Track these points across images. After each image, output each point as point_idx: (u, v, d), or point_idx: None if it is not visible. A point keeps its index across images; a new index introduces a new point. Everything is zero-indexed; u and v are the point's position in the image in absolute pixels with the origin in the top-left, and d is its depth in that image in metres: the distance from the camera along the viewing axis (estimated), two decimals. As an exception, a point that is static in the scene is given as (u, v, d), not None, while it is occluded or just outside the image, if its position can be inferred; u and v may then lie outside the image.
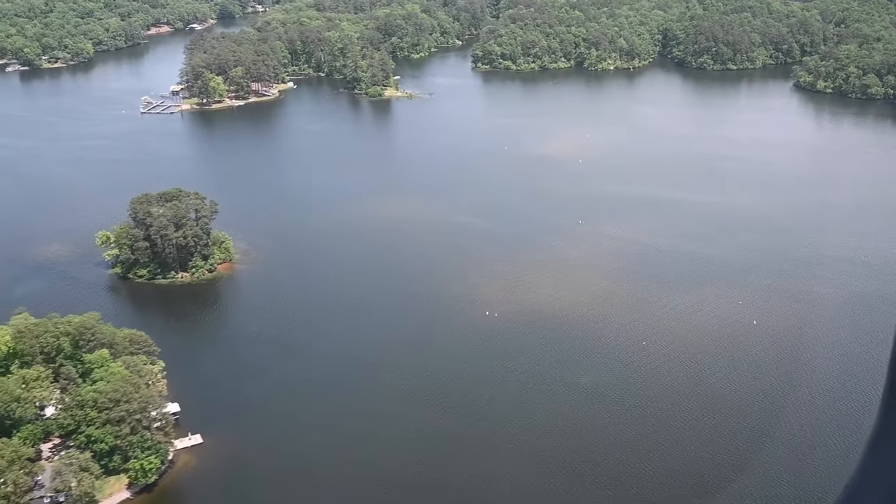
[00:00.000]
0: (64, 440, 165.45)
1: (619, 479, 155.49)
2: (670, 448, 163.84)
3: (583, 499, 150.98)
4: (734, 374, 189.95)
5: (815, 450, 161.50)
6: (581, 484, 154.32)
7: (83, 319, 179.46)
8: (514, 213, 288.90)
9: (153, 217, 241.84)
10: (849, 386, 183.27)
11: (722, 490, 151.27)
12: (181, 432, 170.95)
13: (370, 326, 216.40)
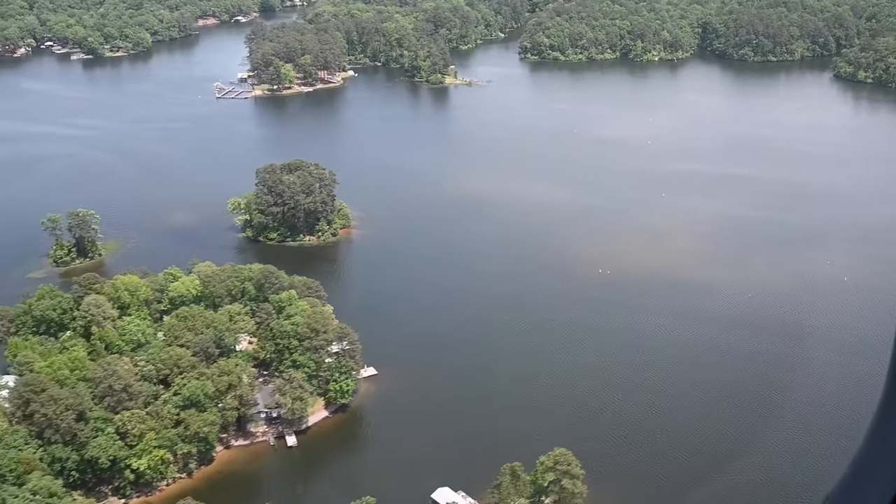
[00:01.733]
0: (260, 368, 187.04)
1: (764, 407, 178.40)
2: (804, 385, 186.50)
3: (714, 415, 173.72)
4: (846, 321, 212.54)
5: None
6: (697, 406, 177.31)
7: (265, 267, 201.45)
8: (601, 189, 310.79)
9: (284, 184, 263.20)
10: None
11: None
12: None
13: (493, 280, 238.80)
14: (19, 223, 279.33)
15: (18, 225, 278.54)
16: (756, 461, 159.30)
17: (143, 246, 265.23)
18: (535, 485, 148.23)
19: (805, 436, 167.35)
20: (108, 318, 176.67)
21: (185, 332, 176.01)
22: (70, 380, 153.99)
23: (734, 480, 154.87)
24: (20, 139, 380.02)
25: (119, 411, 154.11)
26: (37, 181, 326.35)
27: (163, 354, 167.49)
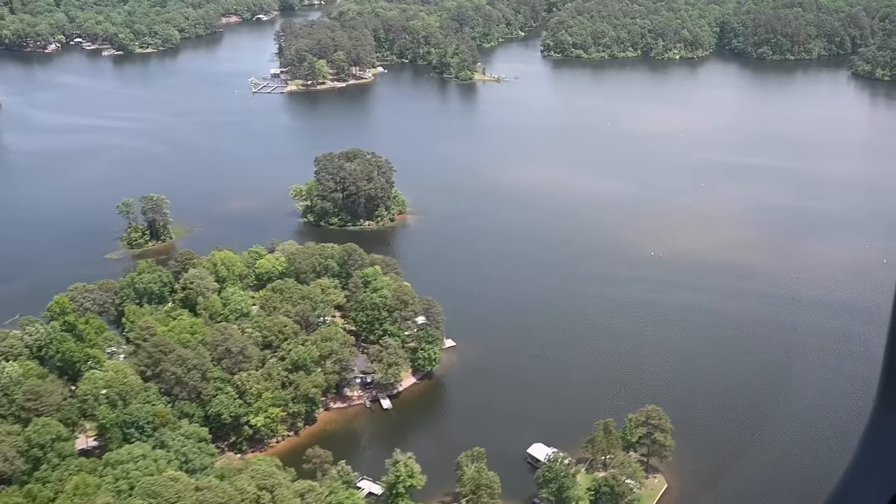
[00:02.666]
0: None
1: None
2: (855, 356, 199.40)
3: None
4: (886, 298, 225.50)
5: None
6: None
7: (347, 245, 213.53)
8: (641, 179, 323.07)
9: (346, 171, 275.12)
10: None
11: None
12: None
13: (550, 262, 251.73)
14: (89, 208, 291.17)
15: (88, 209, 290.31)
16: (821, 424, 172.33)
17: (209, 230, 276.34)
18: (624, 440, 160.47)
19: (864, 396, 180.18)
20: (211, 290, 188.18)
21: (282, 303, 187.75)
22: (191, 343, 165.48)
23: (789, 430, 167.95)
24: (71, 131, 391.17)
25: (235, 372, 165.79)
26: (96, 170, 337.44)
27: (267, 322, 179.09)
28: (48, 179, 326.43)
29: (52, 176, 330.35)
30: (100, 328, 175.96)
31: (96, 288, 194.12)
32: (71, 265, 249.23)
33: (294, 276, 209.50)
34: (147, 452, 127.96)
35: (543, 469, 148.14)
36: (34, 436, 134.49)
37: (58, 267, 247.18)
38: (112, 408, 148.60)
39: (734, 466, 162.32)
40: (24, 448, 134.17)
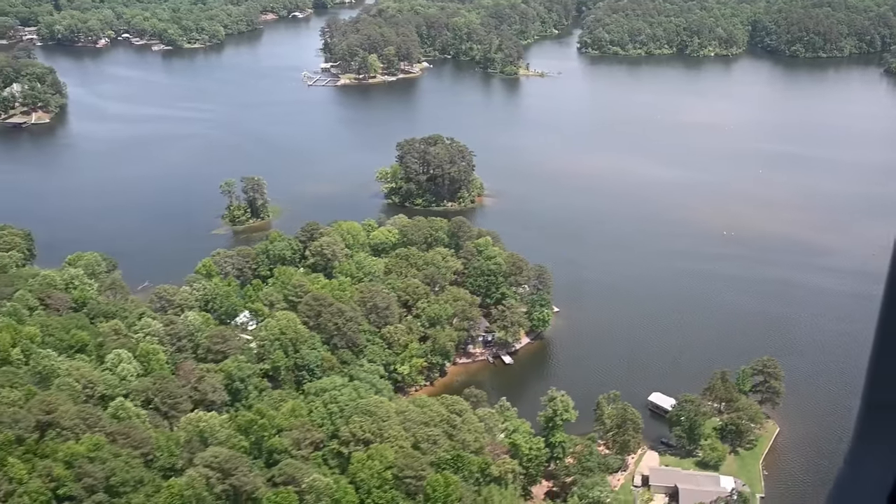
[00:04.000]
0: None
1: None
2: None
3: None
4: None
5: None
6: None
7: (457, 218, 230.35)
8: (700, 166, 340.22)
9: (431, 154, 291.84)
10: None
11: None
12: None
13: (629, 240, 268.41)
14: (185, 189, 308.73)
15: (184, 191, 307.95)
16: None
17: (301, 210, 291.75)
18: (737, 388, 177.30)
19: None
20: (344, 255, 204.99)
21: (407, 268, 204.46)
22: (343, 299, 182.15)
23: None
24: (141, 120, 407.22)
25: (382, 326, 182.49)
26: (178, 156, 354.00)
27: (401, 283, 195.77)
28: (138, 164, 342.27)
29: (141, 161, 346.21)
30: (257, 286, 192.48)
31: (235, 254, 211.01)
32: (181, 239, 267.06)
33: (405, 247, 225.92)
34: (345, 382, 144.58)
35: (676, 410, 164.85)
36: (235, 371, 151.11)
37: (170, 241, 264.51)
38: (285, 353, 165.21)
39: (839, 415, 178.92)
40: (226, 382, 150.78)
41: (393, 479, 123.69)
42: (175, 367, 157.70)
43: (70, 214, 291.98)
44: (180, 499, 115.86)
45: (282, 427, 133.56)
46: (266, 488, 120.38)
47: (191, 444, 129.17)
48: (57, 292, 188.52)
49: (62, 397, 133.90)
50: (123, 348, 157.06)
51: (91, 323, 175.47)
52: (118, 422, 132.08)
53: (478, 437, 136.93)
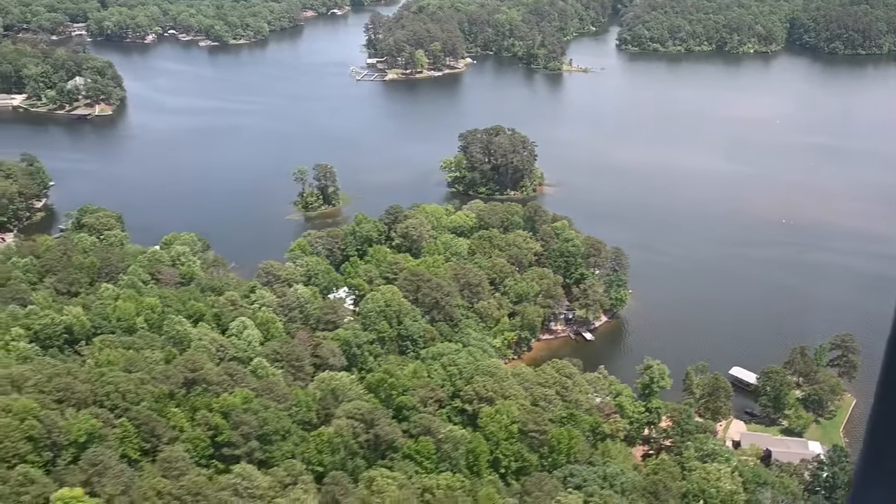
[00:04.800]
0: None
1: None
2: None
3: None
4: None
5: None
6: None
7: (532, 203, 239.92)
8: (752, 159, 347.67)
9: (495, 144, 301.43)
10: None
11: None
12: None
13: (691, 227, 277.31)
14: (253, 177, 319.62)
15: (253, 179, 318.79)
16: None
17: (369, 198, 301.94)
18: (816, 363, 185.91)
19: None
20: (429, 236, 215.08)
21: (490, 249, 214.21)
22: (437, 276, 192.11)
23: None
24: (199, 113, 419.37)
25: (475, 302, 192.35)
26: (241, 147, 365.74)
27: (487, 262, 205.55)
28: (203, 154, 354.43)
29: (205, 151, 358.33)
30: (355, 263, 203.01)
31: (325, 235, 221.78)
32: (258, 224, 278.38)
33: (482, 230, 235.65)
34: (459, 348, 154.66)
35: (761, 380, 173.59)
36: (351, 338, 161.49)
37: (247, 226, 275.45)
38: (389, 324, 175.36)
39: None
40: (344, 348, 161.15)
41: (518, 433, 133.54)
42: (291, 335, 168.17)
43: (146, 200, 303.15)
44: (329, 445, 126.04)
45: (406, 387, 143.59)
46: (404, 438, 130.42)
47: (325, 401, 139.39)
48: (165, 268, 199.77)
49: (203, 357, 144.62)
50: (242, 318, 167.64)
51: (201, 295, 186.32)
52: (258, 379, 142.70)
53: (588, 398, 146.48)
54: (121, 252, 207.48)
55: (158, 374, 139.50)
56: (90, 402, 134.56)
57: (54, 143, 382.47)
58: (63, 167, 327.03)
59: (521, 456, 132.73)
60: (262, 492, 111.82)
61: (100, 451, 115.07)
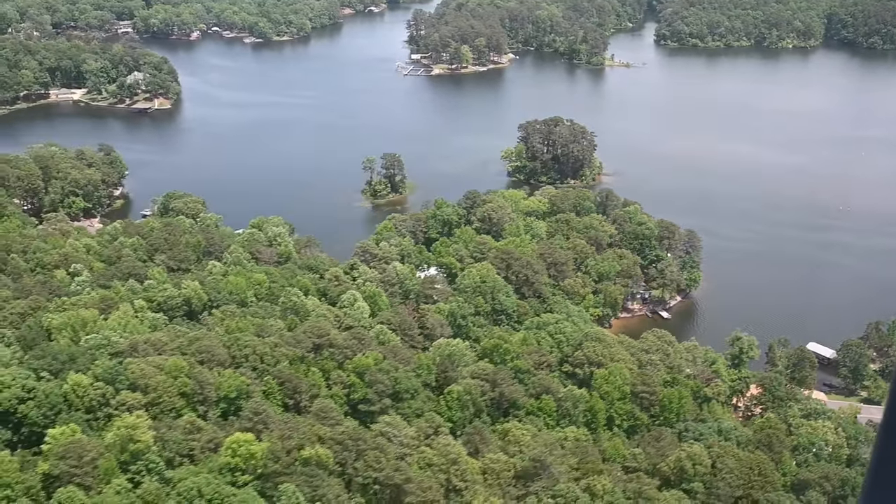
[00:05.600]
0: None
1: None
2: None
3: None
4: None
5: None
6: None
7: (604, 189, 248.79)
8: (803, 149, 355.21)
9: (556, 134, 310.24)
10: None
11: None
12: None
13: (752, 212, 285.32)
14: (318, 167, 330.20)
15: (312, 170, 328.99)
16: None
17: (433, 186, 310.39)
18: (890, 337, 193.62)
19: None
20: (511, 219, 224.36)
21: (568, 231, 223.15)
22: (524, 254, 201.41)
23: None
24: (254, 106, 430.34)
25: (558, 280, 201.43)
26: (301, 138, 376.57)
27: (566, 244, 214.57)
28: (265, 146, 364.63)
29: (265, 143, 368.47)
30: (445, 243, 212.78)
31: (408, 218, 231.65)
32: (329, 211, 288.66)
33: (556, 214, 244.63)
34: (560, 318, 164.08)
35: (842, 353, 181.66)
36: (457, 310, 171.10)
37: (319, 213, 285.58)
38: (483, 299, 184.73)
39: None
40: (449, 319, 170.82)
41: (630, 394, 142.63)
42: (395, 308, 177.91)
43: (216, 189, 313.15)
44: (458, 402, 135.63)
45: (518, 353, 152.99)
46: (525, 398, 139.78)
47: (443, 365, 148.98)
48: (264, 247, 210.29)
49: (328, 325, 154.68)
50: (347, 292, 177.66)
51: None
52: (381, 345, 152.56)
53: (688, 364, 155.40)
54: (219, 233, 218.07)
55: (289, 338, 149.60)
56: (228, 363, 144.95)
57: (119, 135, 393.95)
58: (130, 158, 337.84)
59: (632, 415, 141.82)
60: (408, 440, 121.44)
61: (260, 402, 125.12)
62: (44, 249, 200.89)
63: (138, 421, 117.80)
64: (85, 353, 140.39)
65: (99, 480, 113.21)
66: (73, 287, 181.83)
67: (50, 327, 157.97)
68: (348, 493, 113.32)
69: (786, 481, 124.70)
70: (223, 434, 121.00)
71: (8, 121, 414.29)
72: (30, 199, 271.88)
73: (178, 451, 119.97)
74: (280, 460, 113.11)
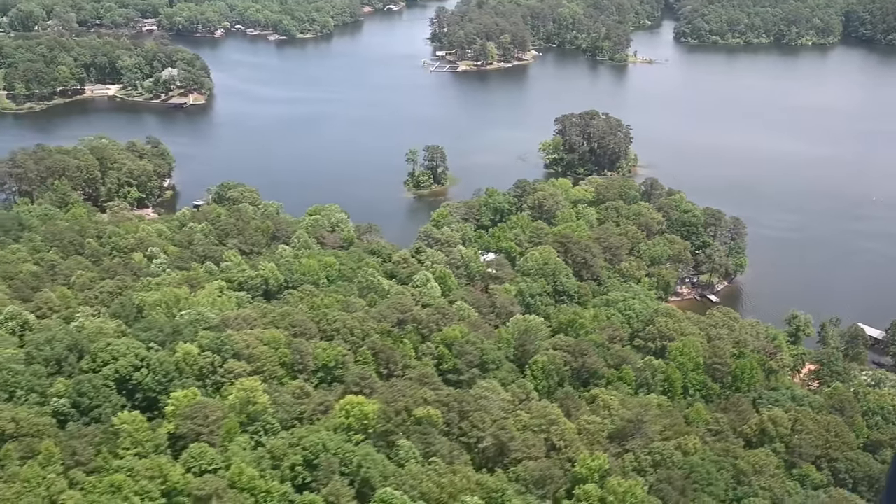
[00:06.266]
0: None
1: None
2: None
3: None
4: None
5: None
6: None
7: (649, 178, 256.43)
8: (833, 141, 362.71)
9: (594, 127, 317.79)
10: None
11: None
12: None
13: (788, 203, 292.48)
14: (351, 161, 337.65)
15: (351, 162, 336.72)
16: None
17: (473, 178, 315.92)
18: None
19: None
20: (562, 205, 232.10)
21: (617, 218, 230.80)
22: (583, 238, 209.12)
23: None
24: (287, 102, 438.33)
25: (613, 263, 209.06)
26: (339, 131, 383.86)
27: (618, 230, 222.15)
28: (302, 139, 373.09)
29: (303, 137, 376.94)
30: (503, 228, 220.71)
31: (462, 206, 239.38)
32: (374, 202, 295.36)
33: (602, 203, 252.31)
34: (628, 296, 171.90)
35: (891, 332, 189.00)
36: (525, 289, 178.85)
37: (365, 203, 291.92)
38: (545, 280, 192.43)
39: None
40: (518, 298, 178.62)
41: (703, 365, 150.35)
42: (465, 288, 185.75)
43: (262, 180, 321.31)
44: (543, 372, 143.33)
45: (590, 328, 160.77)
46: (605, 368, 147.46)
47: (521, 338, 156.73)
48: (327, 233, 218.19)
49: (409, 301, 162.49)
50: (419, 272, 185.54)
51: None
52: (462, 320, 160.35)
53: (752, 339, 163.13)
54: (280, 220, 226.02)
55: (374, 314, 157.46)
56: (319, 337, 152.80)
57: (157, 129, 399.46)
58: (173, 151, 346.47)
59: (705, 385, 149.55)
60: (505, 404, 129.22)
61: (363, 369, 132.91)
62: (119, 234, 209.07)
63: (255, 384, 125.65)
64: (187, 326, 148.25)
65: (223, 439, 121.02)
66: (152, 269, 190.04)
67: (143, 304, 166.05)
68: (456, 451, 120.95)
69: (859, 442, 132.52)
70: (332, 398, 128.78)
71: (46, 116, 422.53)
72: (87, 189, 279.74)
73: (290, 413, 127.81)
74: (391, 420, 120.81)
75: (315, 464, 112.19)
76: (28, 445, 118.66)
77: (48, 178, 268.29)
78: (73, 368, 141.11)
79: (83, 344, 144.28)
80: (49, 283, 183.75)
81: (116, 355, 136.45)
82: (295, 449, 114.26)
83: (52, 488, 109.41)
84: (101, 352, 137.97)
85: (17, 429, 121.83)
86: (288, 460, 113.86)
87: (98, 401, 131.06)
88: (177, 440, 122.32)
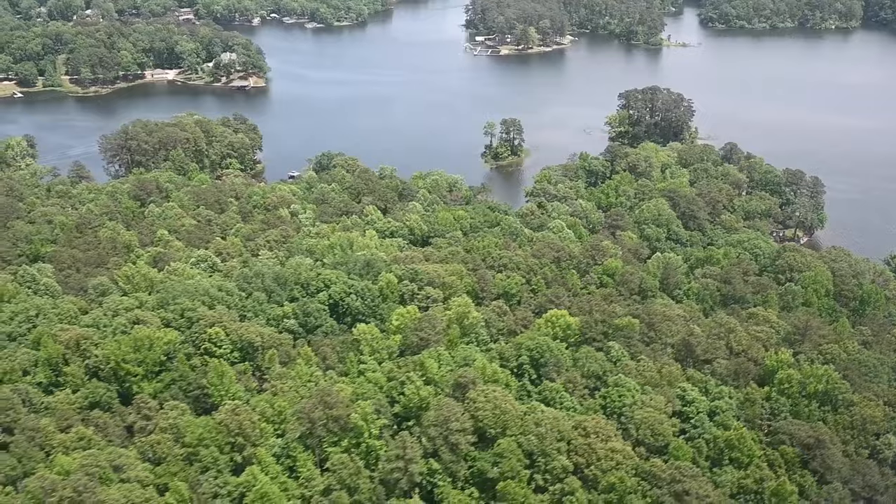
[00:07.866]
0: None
1: None
2: None
3: None
4: None
5: None
6: None
7: (727, 143, 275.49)
8: (872, 115, 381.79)
9: (659, 100, 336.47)
10: None
11: None
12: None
13: (848, 171, 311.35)
14: (425, 137, 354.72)
15: (424, 137, 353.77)
16: None
17: (544, 150, 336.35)
18: None
19: None
20: (654, 167, 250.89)
21: (707, 178, 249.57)
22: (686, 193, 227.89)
23: None
24: (342, 84, 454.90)
25: (713, 216, 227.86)
26: (399, 111, 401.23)
27: (715, 186, 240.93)
28: (370, 118, 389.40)
29: (369, 116, 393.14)
30: (610, 185, 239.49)
31: (561, 168, 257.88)
32: (458, 171, 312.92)
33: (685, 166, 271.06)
34: (752, 236, 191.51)
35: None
36: (651, 234, 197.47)
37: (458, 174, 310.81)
38: (660, 229, 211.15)
39: None
40: (645, 243, 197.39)
41: (832, 292, 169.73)
42: (598, 235, 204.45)
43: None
44: (697, 296, 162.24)
45: (723, 263, 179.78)
46: (750, 294, 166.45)
47: (665, 272, 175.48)
48: (445, 192, 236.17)
49: (557, 243, 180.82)
50: (554, 220, 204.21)
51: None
52: (609, 257, 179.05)
53: (867, 271, 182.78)
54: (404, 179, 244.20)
55: (532, 252, 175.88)
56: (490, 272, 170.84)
57: (220, 110, 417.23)
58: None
59: (833, 309, 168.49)
60: (679, 317, 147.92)
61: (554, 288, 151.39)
62: (258, 194, 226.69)
63: (468, 301, 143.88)
64: (376, 262, 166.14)
65: (447, 346, 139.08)
66: (302, 220, 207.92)
67: (311, 249, 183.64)
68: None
69: None
70: (532, 314, 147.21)
71: (111, 99, 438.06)
72: (192, 159, 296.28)
73: (496, 327, 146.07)
74: (592, 328, 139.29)
75: (541, 362, 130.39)
76: (285, 352, 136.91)
77: (160, 149, 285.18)
78: (281, 297, 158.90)
79: (286, 277, 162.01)
80: (209, 235, 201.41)
81: (328, 283, 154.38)
82: (520, 350, 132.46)
83: (322, 383, 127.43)
84: (313, 280, 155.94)
85: (263, 342, 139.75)
86: (514, 361, 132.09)
87: (320, 321, 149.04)
88: (404, 350, 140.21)
